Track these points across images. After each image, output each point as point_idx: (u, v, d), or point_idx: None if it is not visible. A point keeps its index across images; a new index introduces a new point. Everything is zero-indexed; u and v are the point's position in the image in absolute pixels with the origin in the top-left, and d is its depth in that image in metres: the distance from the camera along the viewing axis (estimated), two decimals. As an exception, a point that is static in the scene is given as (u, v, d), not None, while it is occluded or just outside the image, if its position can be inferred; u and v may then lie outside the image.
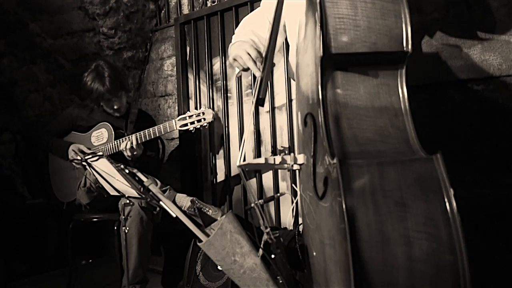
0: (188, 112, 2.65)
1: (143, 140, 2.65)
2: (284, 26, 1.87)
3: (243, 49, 1.57)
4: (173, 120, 2.64)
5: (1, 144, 3.92)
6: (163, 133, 2.65)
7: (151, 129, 2.65)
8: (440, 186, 0.99)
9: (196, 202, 2.53)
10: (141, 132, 2.65)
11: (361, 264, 0.97)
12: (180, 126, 2.62)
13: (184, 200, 2.54)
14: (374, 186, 1.01)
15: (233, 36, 1.86)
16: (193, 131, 2.65)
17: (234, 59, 1.63)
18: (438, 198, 0.99)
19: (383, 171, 1.02)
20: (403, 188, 1.00)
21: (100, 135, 2.82)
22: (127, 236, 2.19)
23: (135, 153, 2.62)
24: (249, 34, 1.76)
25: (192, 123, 2.61)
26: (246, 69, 1.60)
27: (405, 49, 1.17)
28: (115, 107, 2.78)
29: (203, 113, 2.59)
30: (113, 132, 2.78)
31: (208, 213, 2.50)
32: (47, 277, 3.32)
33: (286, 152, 2.75)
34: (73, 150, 2.79)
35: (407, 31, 1.17)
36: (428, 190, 1.00)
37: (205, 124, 2.60)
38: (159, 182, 2.59)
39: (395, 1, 1.18)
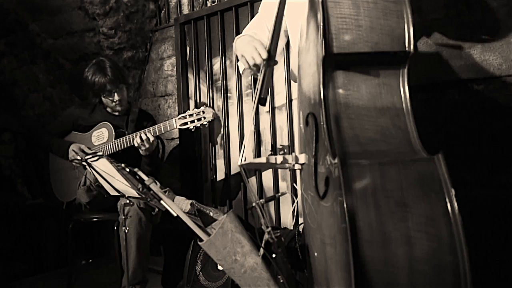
0: (188, 111, 2.65)
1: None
2: (286, 31, 1.87)
3: (252, 46, 1.54)
4: (174, 119, 2.64)
5: (1, 144, 3.92)
6: (163, 131, 2.66)
7: (151, 127, 2.66)
8: (441, 186, 1.00)
9: (196, 204, 2.53)
10: (141, 130, 2.65)
11: (362, 263, 0.97)
12: (180, 125, 2.62)
13: (184, 203, 2.54)
14: (375, 186, 1.01)
15: (236, 37, 1.85)
16: (193, 130, 2.65)
17: (242, 55, 1.61)
18: (439, 198, 0.99)
19: (384, 171, 1.02)
20: (404, 188, 1.00)
21: (101, 134, 2.83)
22: (126, 237, 2.19)
23: (152, 145, 2.64)
24: (252, 35, 1.74)
25: (192, 121, 2.61)
26: (253, 67, 1.58)
27: (407, 49, 1.17)
28: (116, 98, 2.78)
29: (203, 112, 2.59)
30: (113, 132, 2.78)
31: (210, 214, 2.50)
32: (47, 277, 3.31)
33: (285, 150, 2.75)
34: (73, 149, 2.79)
35: (409, 31, 1.17)
36: (429, 190, 1.00)
37: (205, 123, 2.60)
38: (158, 183, 2.60)
39: (398, 1, 1.18)
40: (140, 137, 2.59)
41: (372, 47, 1.17)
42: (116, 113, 2.91)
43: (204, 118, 2.59)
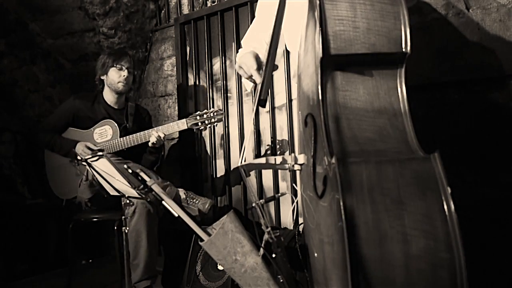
0: (198, 111, 2.65)
1: (142, 142, 2.69)
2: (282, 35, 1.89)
3: (247, 58, 1.66)
4: (184, 119, 2.64)
5: (1, 144, 3.92)
6: (172, 131, 2.67)
7: (160, 127, 2.66)
8: (437, 184, 1.00)
9: (190, 194, 2.57)
10: (155, 128, 2.68)
11: (358, 261, 0.98)
12: (190, 125, 2.63)
13: (180, 193, 2.59)
14: (372, 184, 1.02)
15: (237, 54, 1.92)
16: (204, 130, 2.67)
17: (240, 67, 1.70)
18: (435, 197, 1.00)
19: (381, 169, 1.03)
20: (401, 186, 1.01)
21: (104, 132, 2.81)
22: (136, 232, 2.21)
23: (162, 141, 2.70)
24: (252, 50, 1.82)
25: (203, 122, 2.61)
26: (250, 77, 1.67)
27: (404, 50, 1.18)
28: (124, 74, 2.82)
29: (215, 113, 2.61)
30: (117, 129, 2.77)
31: (196, 203, 2.54)
32: (47, 277, 3.31)
33: (281, 144, 2.76)
34: (77, 150, 2.77)
35: (405, 32, 1.18)
36: (425, 188, 1.01)
37: (216, 124, 2.62)
38: (159, 177, 2.60)
39: (394, 3, 1.20)
40: (156, 136, 2.65)
41: (369, 48, 1.18)
42: (116, 107, 2.92)
43: (215, 119, 2.60)
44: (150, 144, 2.67)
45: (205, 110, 2.62)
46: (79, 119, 2.89)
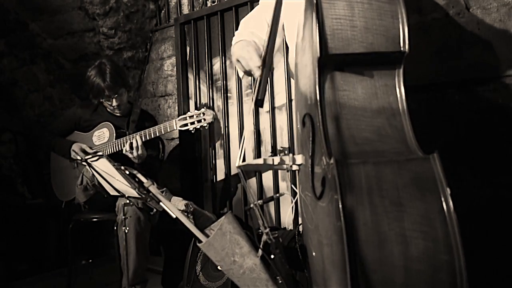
0: (188, 112, 2.64)
1: (143, 140, 2.63)
2: (283, 25, 1.86)
3: (247, 51, 1.54)
4: (174, 120, 2.64)
5: (1, 144, 3.92)
6: (163, 132, 2.65)
7: (151, 128, 2.65)
8: (436, 185, 1.00)
9: (190, 206, 2.51)
10: (142, 131, 2.64)
11: (357, 263, 0.97)
12: (180, 126, 2.62)
13: (179, 203, 2.53)
14: (371, 186, 1.01)
15: (234, 37, 1.84)
16: (193, 131, 2.64)
17: (238, 60, 1.60)
18: (434, 198, 0.99)
19: (380, 170, 1.02)
20: (400, 188, 1.00)
21: (102, 134, 2.82)
22: (126, 237, 2.19)
23: (139, 152, 2.60)
24: (249, 35, 1.72)
25: (192, 123, 2.60)
26: (248, 71, 1.57)
27: (402, 49, 1.17)
28: (115, 104, 2.77)
29: (203, 114, 2.58)
30: (114, 132, 2.78)
31: (206, 213, 2.49)
32: (47, 277, 3.32)
33: (286, 152, 2.74)
34: (73, 150, 2.79)
35: (404, 31, 1.17)
36: (424, 189, 1.00)
37: (205, 124, 2.59)
38: (155, 183, 2.59)
39: (392, 2, 1.19)
40: (130, 144, 2.58)
41: (367, 48, 1.17)
42: (117, 114, 2.91)
43: (204, 120, 2.59)
44: (129, 156, 2.62)
45: (195, 111, 2.61)
46: (81, 126, 2.94)
